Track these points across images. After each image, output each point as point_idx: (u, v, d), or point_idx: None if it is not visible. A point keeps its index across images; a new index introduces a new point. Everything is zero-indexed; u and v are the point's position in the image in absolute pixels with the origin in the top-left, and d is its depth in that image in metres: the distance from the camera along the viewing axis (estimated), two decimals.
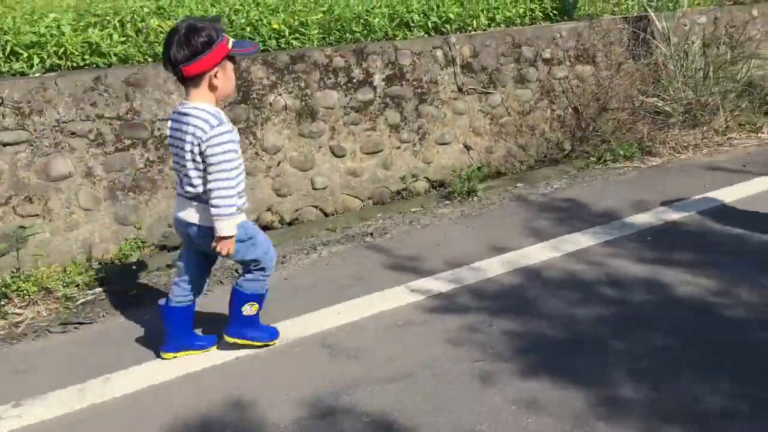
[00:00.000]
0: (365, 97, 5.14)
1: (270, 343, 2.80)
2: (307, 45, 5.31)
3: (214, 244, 2.52)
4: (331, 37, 5.74)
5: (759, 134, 5.53)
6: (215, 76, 2.47)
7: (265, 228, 4.63)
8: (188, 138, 2.43)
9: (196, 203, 2.54)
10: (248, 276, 2.70)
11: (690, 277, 3.27)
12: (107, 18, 4.90)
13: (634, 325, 2.88)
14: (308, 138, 4.86)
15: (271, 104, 4.71)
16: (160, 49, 4.76)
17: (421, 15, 6.15)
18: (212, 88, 2.48)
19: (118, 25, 4.88)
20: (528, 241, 3.77)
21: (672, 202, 4.23)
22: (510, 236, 3.84)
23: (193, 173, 2.47)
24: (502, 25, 6.53)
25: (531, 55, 6.00)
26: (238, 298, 2.71)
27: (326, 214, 4.88)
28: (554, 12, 6.87)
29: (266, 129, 4.70)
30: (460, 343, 2.80)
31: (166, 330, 2.73)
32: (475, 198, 4.46)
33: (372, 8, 6.11)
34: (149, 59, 4.69)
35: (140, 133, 4.24)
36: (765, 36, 7.53)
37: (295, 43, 5.30)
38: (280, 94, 4.74)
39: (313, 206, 4.87)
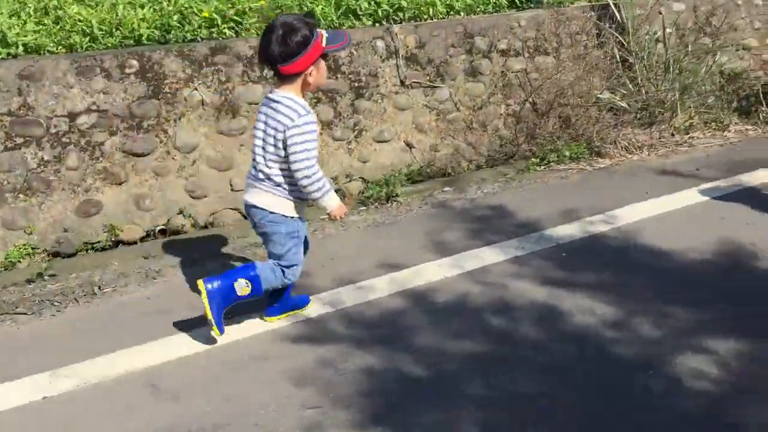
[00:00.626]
0: None
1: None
2: (243, 35, 4.93)
3: (290, 246, 2.64)
4: None
5: (725, 133, 5.02)
6: (310, 74, 2.54)
7: (176, 233, 4.29)
8: (274, 124, 2.50)
9: (265, 186, 2.59)
10: (271, 265, 2.65)
11: (592, 303, 2.84)
12: (28, 5, 4.58)
13: (506, 364, 2.48)
14: (228, 136, 4.48)
15: (186, 99, 4.34)
16: (77, 38, 4.42)
17: (370, 2, 5.72)
18: (305, 83, 2.56)
19: (33, 12, 4.55)
20: (430, 256, 3.37)
21: (604, 211, 3.79)
22: (413, 250, 3.44)
23: (271, 157, 2.54)
24: (462, 13, 6.07)
25: (485, 46, 5.54)
26: (244, 270, 2.62)
27: (246, 217, 4.51)
28: None
29: (180, 126, 4.33)
30: (303, 383, 2.42)
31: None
32: (394, 204, 4.06)
33: None
34: (63, 49, 4.35)
35: (34, 130, 3.90)
36: (750, 25, 6.96)
37: (228, 33, 4.92)
38: (195, 89, 4.37)
39: (232, 209, 4.51)
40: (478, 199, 4.10)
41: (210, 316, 2.52)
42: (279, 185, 2.58)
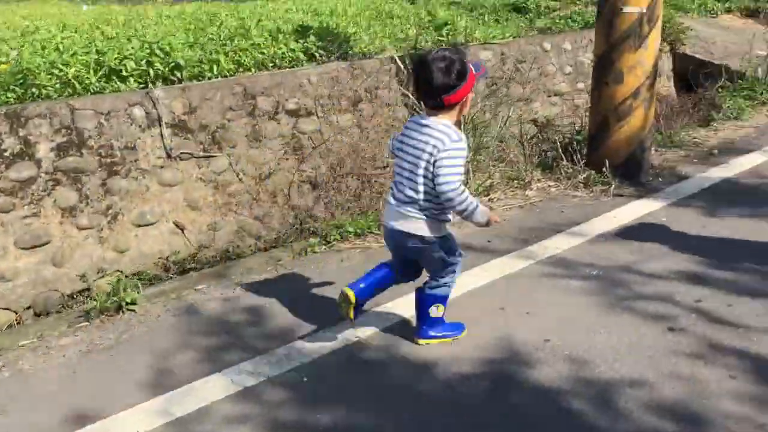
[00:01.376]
0: (22, 175, 3.88)
1: (460, 335, 2.84)
2: None
3: (447, 254, 2.71)
4: (9, 95, 4.46)
5: (527, 192, 4.61)
6: (465, 102, 2.62)
7: None
8: (428, 148, 2.52)
9: (411, 211, 2.60)
10: (434, 283, 2.75)
11: None
12: None
13: None
14: None
15: None
16: None
17: (141, 61, 4.96)
18: (460, 112, 2.62)
19: None
20: (140, 396, 2.59)
21: (374, 306, 3.18)
22: (122, 388, 2.64)
23: (420, 180, 2.55)
24: (254, 70, 5.44)
25: (270, 107, 4.90)
26: (425, 300, 2.76)
27: None
28: (320, 52, 5.85)
29: None
30: None
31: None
32: (127, 315, 3.26)
33: (72, 55, 4.88)
34: None
35: None
36: (560, 70, 6.78)
37: None
38: None
39: None
40: (234, 299, 3.37)
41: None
42: (425, 209, 2.60)
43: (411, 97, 4.93)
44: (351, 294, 2.71)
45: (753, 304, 3.00)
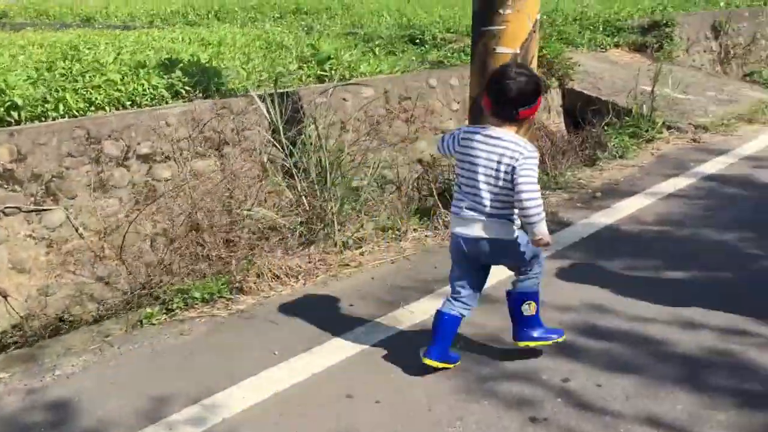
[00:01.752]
0: None
1: (559, 339, 2.85)
2: None
3: (530, 245, 2.68)
4: None
5: (402, 243, 4.25)
6: (531, 120, 2.79)
7: None
8: (504, 159, 2.56)
9: (490, 219, 2.63)
10: (522, 276, 2.78)
11: None
12: None
13: None
14: None
15: None
16: None
17: None
18: (526, 125, 2.79)
19: None
20: None
21: (208, 394, 2.69)
22: None
23: (496, 189, 2.59)
24: (109, 109, 4.89)
25: (118, 152, 4.36)
26: (516, 300, 2.78)
27: None
28: (186, 88, 5.35)
29: None
30: None
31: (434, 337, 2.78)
32: None
33: None
34: None
35: None
36: (447, 107, 6.53)
37: None
38: None
39: None
40: (40, 391, 2.81)
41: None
42: (505, 215, 2.63)
43: (276, 144, 4.50)
44: (434, 364, 2.74)
45: (623, 381, 2.71)
